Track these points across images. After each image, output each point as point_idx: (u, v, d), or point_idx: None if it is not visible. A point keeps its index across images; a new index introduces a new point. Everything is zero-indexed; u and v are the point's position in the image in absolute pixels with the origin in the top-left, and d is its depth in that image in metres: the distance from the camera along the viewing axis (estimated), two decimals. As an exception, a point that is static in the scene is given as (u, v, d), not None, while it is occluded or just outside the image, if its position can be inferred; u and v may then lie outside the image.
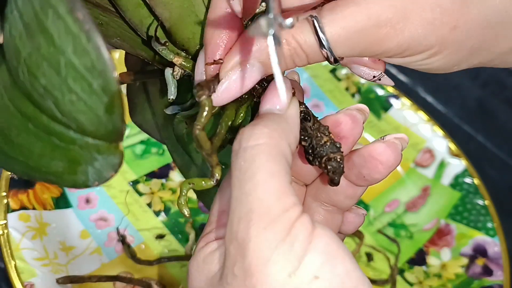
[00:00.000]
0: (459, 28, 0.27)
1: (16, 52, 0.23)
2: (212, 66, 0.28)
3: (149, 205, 0.55)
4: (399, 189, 0.61)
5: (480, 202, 0.58)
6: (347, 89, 0.67)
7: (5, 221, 0.45)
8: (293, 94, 0.28)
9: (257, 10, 0.29)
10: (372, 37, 0.26)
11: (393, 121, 0.65)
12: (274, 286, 0.22)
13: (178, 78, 0.30)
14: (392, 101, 0.65)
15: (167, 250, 0.52)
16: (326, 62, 0.65)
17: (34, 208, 0.48)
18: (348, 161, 0.29)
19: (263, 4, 0.29)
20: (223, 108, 0.29)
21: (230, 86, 0.27)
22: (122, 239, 0.51)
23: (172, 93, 0.30)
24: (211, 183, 0.28)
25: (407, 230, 0.58)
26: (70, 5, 0.21)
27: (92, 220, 0.52)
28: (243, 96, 0.29)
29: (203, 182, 0.28)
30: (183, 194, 0.28)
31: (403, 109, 0.65)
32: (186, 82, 0.31)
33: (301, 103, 0.29)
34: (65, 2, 0.21)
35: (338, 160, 0.27)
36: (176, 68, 0.30)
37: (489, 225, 0.56)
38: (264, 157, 0.24)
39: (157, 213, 0.54)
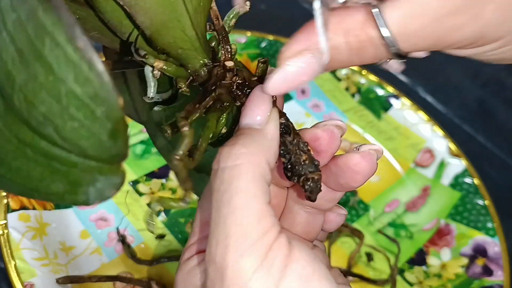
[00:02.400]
0: None
1: (9, 78, 0.22)
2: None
3: (149, 205, 0.55)
4: (399, 189, 0.61)
5: (480, 202, 0.58)
6: (347, 89, 0.67)
7: (5, 221, 0.45)
8: (274, 103, 0.28)
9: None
10: (446, 25, 0.24)
11: (393, 121, 0.65)
12: None
13: (158, 77, 0.30)
14: (392, 101, 0.65)
15: (167, 250, 0.52)
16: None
17: (34, 208, 0.48)
18: (326, 170, 0.29)
19: None
20: (205, 116, 0.28)
21: (290, 74, 0.25)
22: (122, 239, 0.51)
23: (151, 92, 0.30)
24: (182, 205, 0.27)
25: (407, 230, 0.58)
26: (70, 33, 0.20)
27: (92, 220, 0.52)
28: (225, 104, 0.29)
29: (174, 203, 0.27)
30: (153, 213, 0.28)
31: (403, 109, 0.65)
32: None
33: (282, 114, 0.28)
34: (64, 30, 0.20)
35: (316, 180, 0.27)
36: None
37: (489, 225, 0.56)
38: (242, 179, 0.24)
39: (157, 213, 0.54)
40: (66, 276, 0.45)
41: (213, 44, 0.31)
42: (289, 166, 0.27)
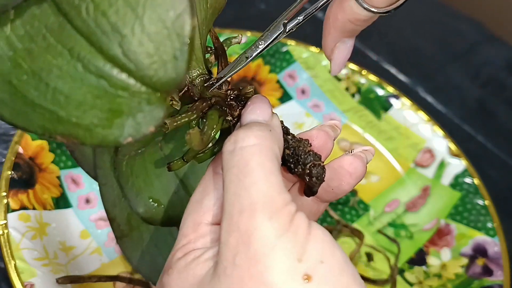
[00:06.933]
0: None
1: None
2: None
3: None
4: (399, 189, 0.61)
5: (480, 202, 0.58)
6: (347, 89, 0.67)
7: (5, 221, 0.45)
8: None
9: None
10: None
11: (393, 121, 0.65)
12: (281, 270, 0.23)
13: None
14: (392, 101, 0.65)
15: (167, 250, 0.52)
16: (326, 62, 0.66)
17: (34, 208, 0.48)
18: None
19: None
20: (205, 115, 0.30)
21: (339, 57, 0.32)
22: (122, 239, 0.51)
23: None
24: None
25: (407, 230, 0.58)
26: None
27: (92, 220, 0.52)
28: (223, 108, 0.30)
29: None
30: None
31: (403, 109, 0.65)
32: None
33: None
34: None
35: (322, 166, 0.28)
36: None
37: (489, 225, 0.56)
38: (261, 156, 0.25)
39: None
40: (66, 276, 0.45)
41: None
42: (292, 159, 0.29)
